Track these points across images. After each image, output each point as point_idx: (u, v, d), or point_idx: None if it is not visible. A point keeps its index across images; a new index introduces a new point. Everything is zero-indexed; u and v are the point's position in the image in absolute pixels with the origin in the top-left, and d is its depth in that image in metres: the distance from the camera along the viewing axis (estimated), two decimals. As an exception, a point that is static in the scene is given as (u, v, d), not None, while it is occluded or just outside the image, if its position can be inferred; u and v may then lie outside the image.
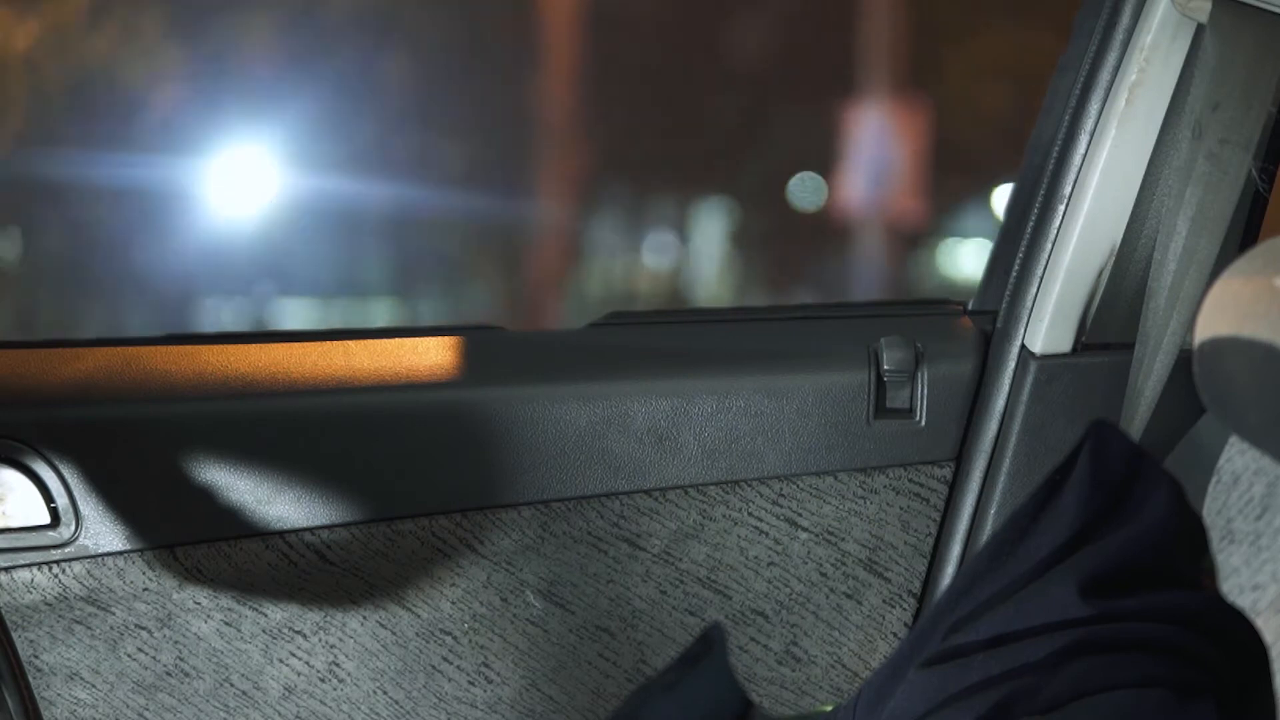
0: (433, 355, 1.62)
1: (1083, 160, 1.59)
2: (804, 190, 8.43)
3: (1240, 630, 1.04)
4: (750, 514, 1.61)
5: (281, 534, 1.55)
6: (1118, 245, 1.60)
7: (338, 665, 1.58)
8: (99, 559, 1.52)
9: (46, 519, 1.52)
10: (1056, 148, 1.62)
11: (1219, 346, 1.15)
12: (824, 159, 8.26)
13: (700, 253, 8.41)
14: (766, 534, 1.62)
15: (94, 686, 1.55)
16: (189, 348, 1.60)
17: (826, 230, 8.25)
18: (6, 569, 1.51)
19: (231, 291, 7.45)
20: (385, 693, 1.59)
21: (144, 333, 1.66)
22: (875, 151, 8.18)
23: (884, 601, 1.64)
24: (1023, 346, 1.63)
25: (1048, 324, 1.61)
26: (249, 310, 7.50)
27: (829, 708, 1.66)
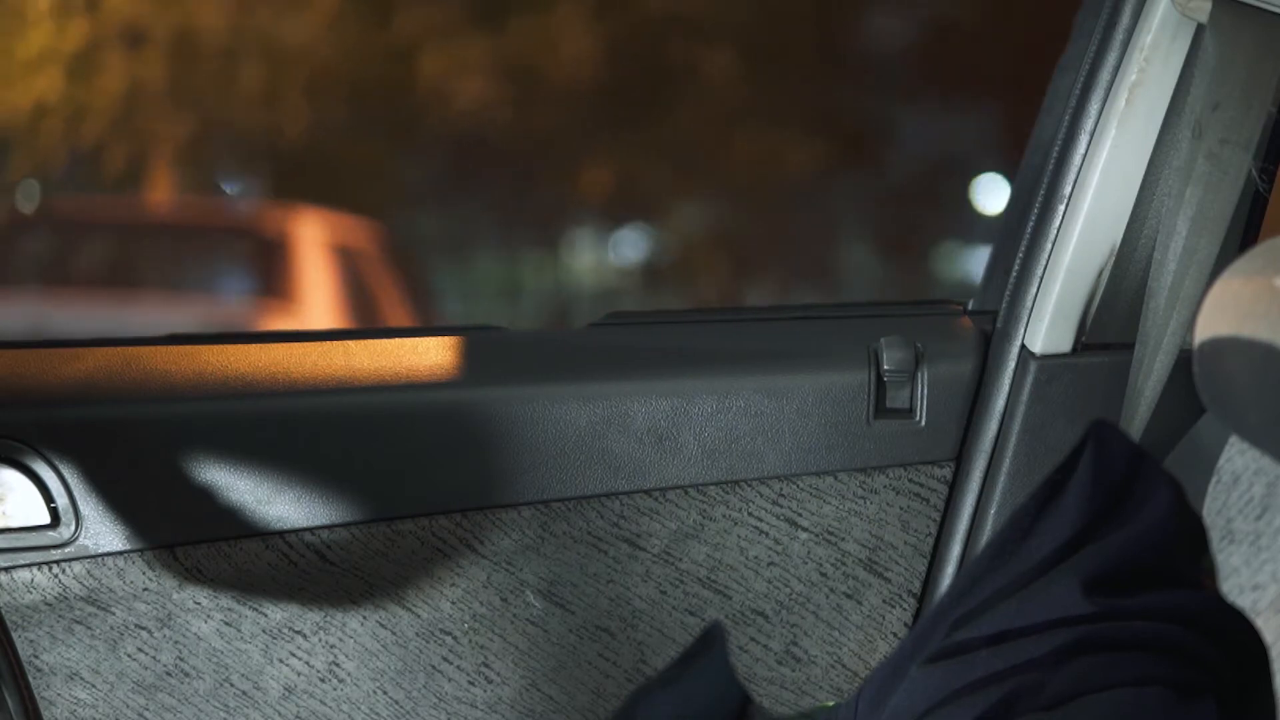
0: (433, 355, 1.62)
1: (1083, 160, 1.59)
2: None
3: (1240, 630, 1.04)
4: (750, 514, 1.61)
5: (281, 534, 1.55)
6: (1118, 245, 1.60)
7: (338, 665, 1.58)
8: (99, 559, 1.52)
9: (46, 519, 1.52)
10: (1056, 148, 1.62)
11: (1219, 346, 1.15)
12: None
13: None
14: (766, 534, 1.62)
15: (94, 686, 1.55)
16: (189, 348, 1.60)
17: None
18: (6, 569, 1.51)
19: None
20: (385, 693, 1.59)
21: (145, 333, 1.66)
22: None
23: (884, 601, 1.64)
24: (1023, 346, 1.62)
25: (1048, 324, 1.61)
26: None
27: (830, 704, 1.66)
